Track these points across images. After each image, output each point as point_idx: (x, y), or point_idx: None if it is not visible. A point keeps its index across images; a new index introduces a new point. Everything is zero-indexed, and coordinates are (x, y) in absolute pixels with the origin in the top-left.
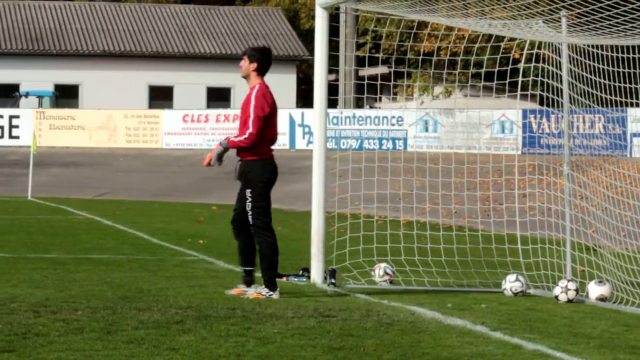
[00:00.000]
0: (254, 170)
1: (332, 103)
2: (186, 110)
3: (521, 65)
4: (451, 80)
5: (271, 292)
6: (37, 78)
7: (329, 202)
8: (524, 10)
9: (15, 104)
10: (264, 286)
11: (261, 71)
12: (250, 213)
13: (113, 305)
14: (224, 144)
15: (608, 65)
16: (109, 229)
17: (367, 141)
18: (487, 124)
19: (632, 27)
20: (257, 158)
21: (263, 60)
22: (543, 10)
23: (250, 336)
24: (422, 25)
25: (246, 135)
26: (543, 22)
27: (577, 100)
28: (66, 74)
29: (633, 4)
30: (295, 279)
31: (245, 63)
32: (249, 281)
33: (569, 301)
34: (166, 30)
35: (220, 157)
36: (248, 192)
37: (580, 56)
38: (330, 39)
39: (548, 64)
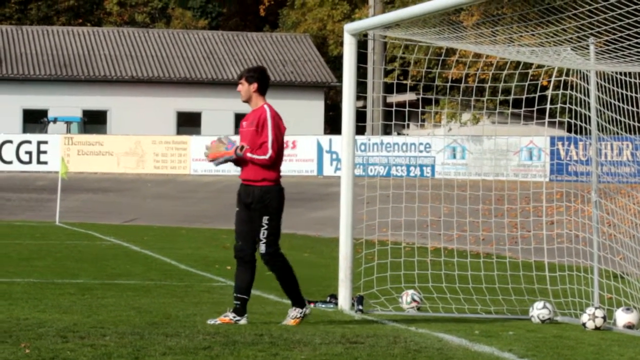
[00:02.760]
0: (273, 198)
1: (360, 130)
2: (214, 137)
3: (549, 92)
4: (479, 107)
5: (304, 308)
6: (65, 104)
7: (357, 228)
8: (552, 37)
9: (44, 130)
10: (295, 308)
11: (262, 91)
12: (264, 241)
13: (141, 330)
14: (238, 154)
15: (636, 92)
16: (136, 254)
17: (395, 168)
18: (515, 150)
19: None
20: (274, 185)
21: (262, 79)
22: (571, 38)
23: None
24: (450, 52)
25: (266, 157)
26: (571, 49)
27: (605, 127)
28: (94, 100)
29: None
30: (323, 306)
31: (243, 87)
32: (241, 310)
33: (597, 328)
34: (194, 57)
35: (225, 162)
36: (265, 219)
37: (608, 83)
38: (358, 65)
39: (576, 91)
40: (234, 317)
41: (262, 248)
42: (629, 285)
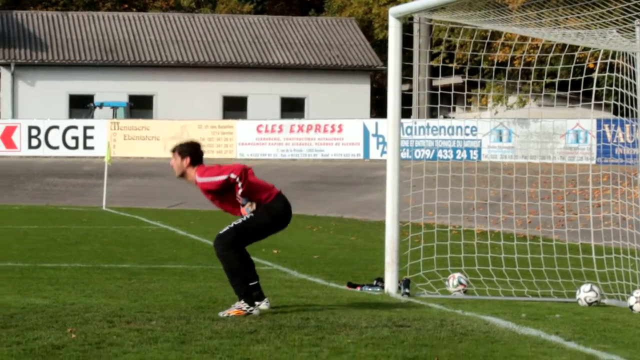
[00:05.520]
0: (263, 210)
1: (406, 113)
2: (260, 121)
3: (595, 75)
4: (525, 89)
5: (251, 307)
6: (111, 89)
7: (403, 212)
8: (598, 19)
9: (90, 115)
10: (242, 301)
11: (195, 163)
12: (228, 227)
13: (187, 315)
14: (248, 209)
15: None
16: (183, 239)
17: (441, 151)
18: (562, 133)
19: None
20: (264, 202)
21: (195, 153)
22: (617, 20)
23: (324, 346)
24: (496, 34)
25: (240, 196)
26: (617, 31)
27: None
28: (140, 85)
29: None
30: (369, 289)
31: (176, 161)
32: (259, 295)
33: None
34: (240, 41)
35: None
36: (250, 214)
37: None
38: (403, 49)
39: (622, 74)
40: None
41: (222, 231)
42: None
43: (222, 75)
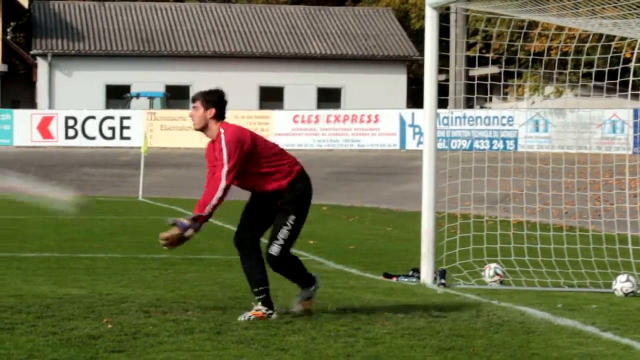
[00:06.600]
0: (302, 195)
1: (442, 103)
2: (296, 111)
3: (632, 65)
4: (562, 80)
5: (271, 310)
6: (148, 79)
7: (439, 202)
8: (635, 9)
9: (127, 105)
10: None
11: (220, 117)
12: (280, 242)
13: (223, 305)
14: (196, 226)
15: None
16: (219, 229)
17: (478, 141)
18: (598, 123)
19: None
20: (292, 179)
21: (220, 103)
22: None
23: (360, 336)
24: (533, 24)
25: (220, 190)
26: None
27: None
28: (177, 75)
29: None
30: (405, 280)
31: (198, 112)
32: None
33: None
34: (276, 31)
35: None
36: (292, 218)
37: None
38: (440, 39)
39: None
40: (267, 310)
41: (274, 249)
42: None
43: (259, 66)
